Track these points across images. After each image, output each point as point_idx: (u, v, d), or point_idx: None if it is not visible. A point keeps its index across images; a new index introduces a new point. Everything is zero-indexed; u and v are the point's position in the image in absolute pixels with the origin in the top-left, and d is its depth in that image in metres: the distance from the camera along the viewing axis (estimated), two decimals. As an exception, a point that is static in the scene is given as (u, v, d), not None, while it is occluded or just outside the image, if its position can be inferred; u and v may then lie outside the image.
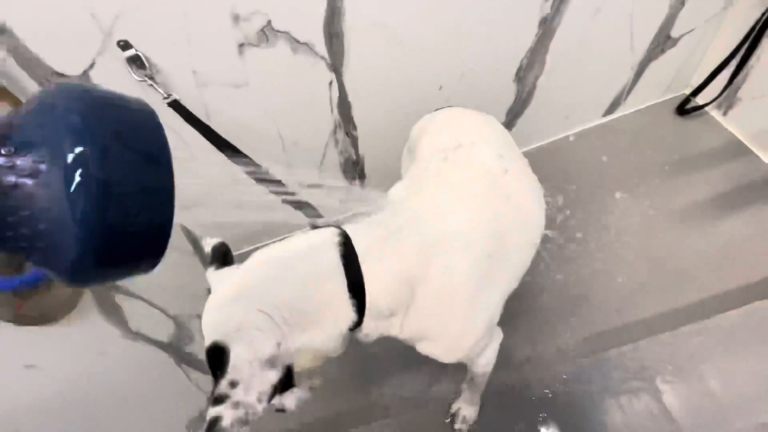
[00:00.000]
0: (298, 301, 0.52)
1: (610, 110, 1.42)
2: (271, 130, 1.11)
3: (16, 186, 0.19)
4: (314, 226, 0.67)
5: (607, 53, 1.20)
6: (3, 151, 0.19)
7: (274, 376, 0.48)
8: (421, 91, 1.13)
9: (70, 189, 0.19)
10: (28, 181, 0.19)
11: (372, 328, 0.57)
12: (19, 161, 0.19)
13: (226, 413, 0.44)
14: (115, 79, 0.88)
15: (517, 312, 1.14)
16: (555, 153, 1.43)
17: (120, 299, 0.98)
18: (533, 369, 0.95)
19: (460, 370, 0.94)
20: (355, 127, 1.18)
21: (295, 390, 0.56)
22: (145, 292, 1.05)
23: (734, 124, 1.29)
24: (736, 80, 1.20)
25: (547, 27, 1.07)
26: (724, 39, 1.19)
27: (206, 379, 1.23)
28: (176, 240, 1.25)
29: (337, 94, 1.07)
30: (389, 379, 1.07)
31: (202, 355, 1.21)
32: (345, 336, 0.56)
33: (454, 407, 0.92)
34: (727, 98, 1.28)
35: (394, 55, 1.02)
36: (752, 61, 1.15)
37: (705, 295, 1.05)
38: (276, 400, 0.57)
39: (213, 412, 0.44)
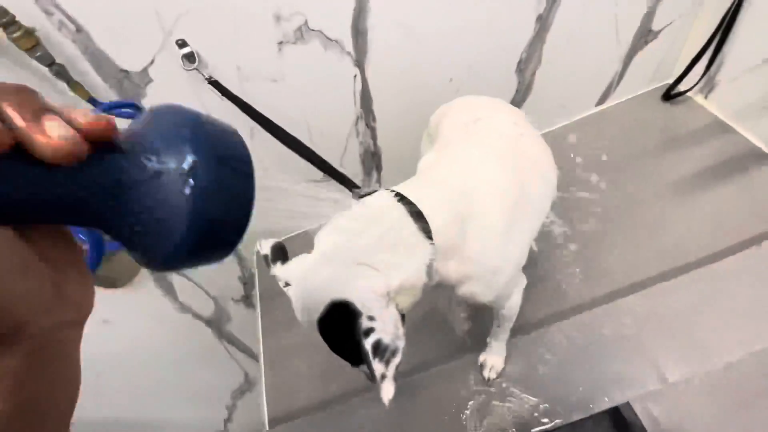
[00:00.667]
0: (385, 247, 0.57)
1: (602, 100, 1.56)
2: (301, 121, 1.22)
3: (140, 184, 0.23)
4: (360, 196, 0.73)
5: (596, 46, 1.34)
6: (142, 158, 0.24)
7: (395, 310, 0.52)
8: (433, 83, 1.26)
9: (185, 192, 0.23)
10: (151, 182, 0.23)
11: (439, 266, 0.64)
12: (147, 164, 0.23)
13: (382, 335, 0.48)
14: (168, 73, 1.00)
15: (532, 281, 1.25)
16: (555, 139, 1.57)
17: (170, 276, 1.07)
18: (550, 322, 1.05)
19: (479, 338, 1.04)
20: (374, 119, 1.30)
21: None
22: (190, 272, 1.14)
23: (715, 105, 1.43)
24: (713, 66, 1.35)
25: (543, 22, 1.21)
26: (700, 29, 1.34)
27: (243, 357, 1.31)
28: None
29: (360, 87, 1.19)
30: (413, 348, 1.15)
31: (238, 334, 1.29)
32: (429, 268, 0.61)
33: (482, 358, 1.00)
34: (707, 83, 1.42)
35: (410, 50, 1.15)
36: (726, 47, 1.29)
37: (701, 254, 1.16)
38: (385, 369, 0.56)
39: (370, 340, 0.47)
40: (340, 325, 0.50)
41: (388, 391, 0.46)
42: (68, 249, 0.26)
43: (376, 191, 0.69)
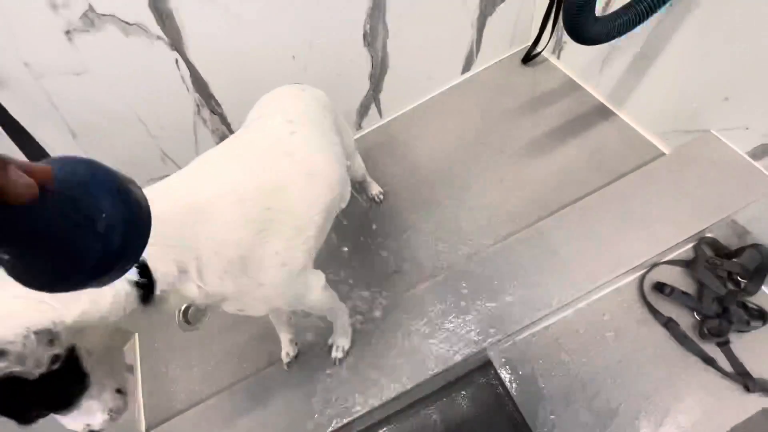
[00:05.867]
0: None
1: (466, 67, 1.57)
2: (129, 115, 1.13)
3: (69, 225, 0.29)
4: None
5: (443, 12, 1.32)
6: (73, 207, 0.29)
7: (52, 352, 0.44)
8: (274, 62, 1.20)
9: (100, 234, 0.30)
10: (77, 227, 0.29)
11: (166, 287, 0.54)
12: (75, 212, 0.29)
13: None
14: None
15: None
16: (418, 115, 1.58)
17: None
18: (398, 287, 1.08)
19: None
20: (218, 104, 1.23)
21: (101, 402, 0.51)
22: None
23: (565, 64, 1.47)
24: (557, 26, 1.38)
25: (376, -9, 1.17)
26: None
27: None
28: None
29: (188, 72, 1.11)
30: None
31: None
32: (134, 298, 0.50)
33: (330, 340, 1.02)
34: (557, 43, 1.46)
35: (232, 28, 1.08)
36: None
37: (544, 212, 1.22)
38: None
39: None
40: None
41: None
42: None
43: None
